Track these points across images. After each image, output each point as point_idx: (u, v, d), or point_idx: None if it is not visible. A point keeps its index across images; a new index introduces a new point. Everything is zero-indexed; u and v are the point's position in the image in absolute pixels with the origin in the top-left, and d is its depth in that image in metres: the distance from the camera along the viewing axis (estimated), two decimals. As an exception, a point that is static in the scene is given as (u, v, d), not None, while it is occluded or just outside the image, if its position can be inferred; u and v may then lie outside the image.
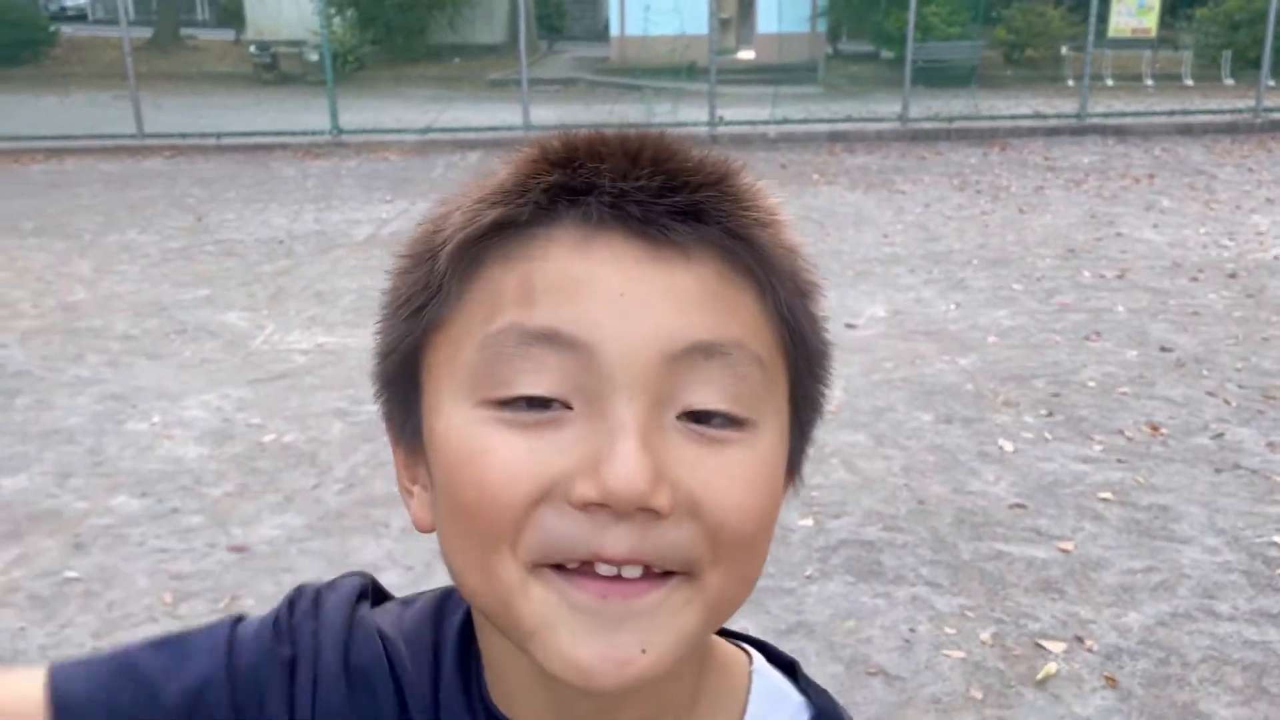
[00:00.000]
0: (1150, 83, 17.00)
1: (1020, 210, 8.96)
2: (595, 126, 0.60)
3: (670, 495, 0.52)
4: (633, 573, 0.52)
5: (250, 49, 20.05)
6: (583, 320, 0.52)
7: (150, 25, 23.03)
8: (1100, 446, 4.35)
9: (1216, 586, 3.35)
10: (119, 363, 5.52)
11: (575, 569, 0.53)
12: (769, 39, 20.25)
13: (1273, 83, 13.88)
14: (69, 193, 10.25)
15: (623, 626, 0.52)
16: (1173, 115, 13.57)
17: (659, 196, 0.54)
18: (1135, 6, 15.89)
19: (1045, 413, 4.71)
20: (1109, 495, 3.93)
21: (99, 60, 19.93)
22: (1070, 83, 16.68)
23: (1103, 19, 15.01)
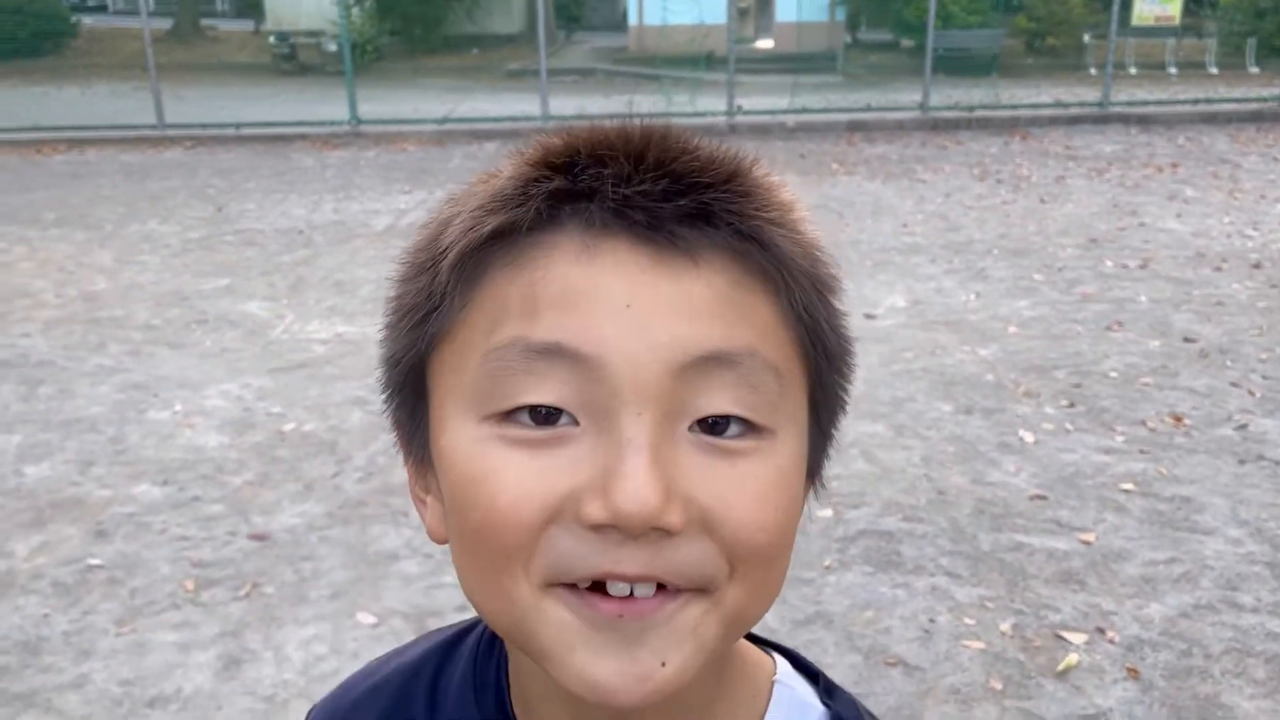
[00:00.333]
0: (1174, 71, 16.84)
1: (1041, 200, 8.90)
2: (612, 117, 0.58)
3: (682, 513, 0.50)
4: (645, 591, 0.51)
5: (269, 40, 20.12)
6: (588, 333, 0.51)
7: (170, 16, 23.15)
8: (1122, 437, 4.32)
9: (1239, 578, 3.32)
10: (140, 352, 5.56)
11: (587, 587, 0.51)
12: (788, 28, 20.15)
13: (1298, 70, 13.72)
14: (90, 183, 10.32)
15: (640, 641, 0.51)
16: (1196, 104, 13.44)
17: (665, 200, 0.52)
18: (1159, -6, 15.74)
19: (1066, 403, 4.67)
20: (1131, 486, 3.91)
21: (120, 51, 20.06)
22: (1093, 71, 16.55)
23: (1126, 6, 14.87)
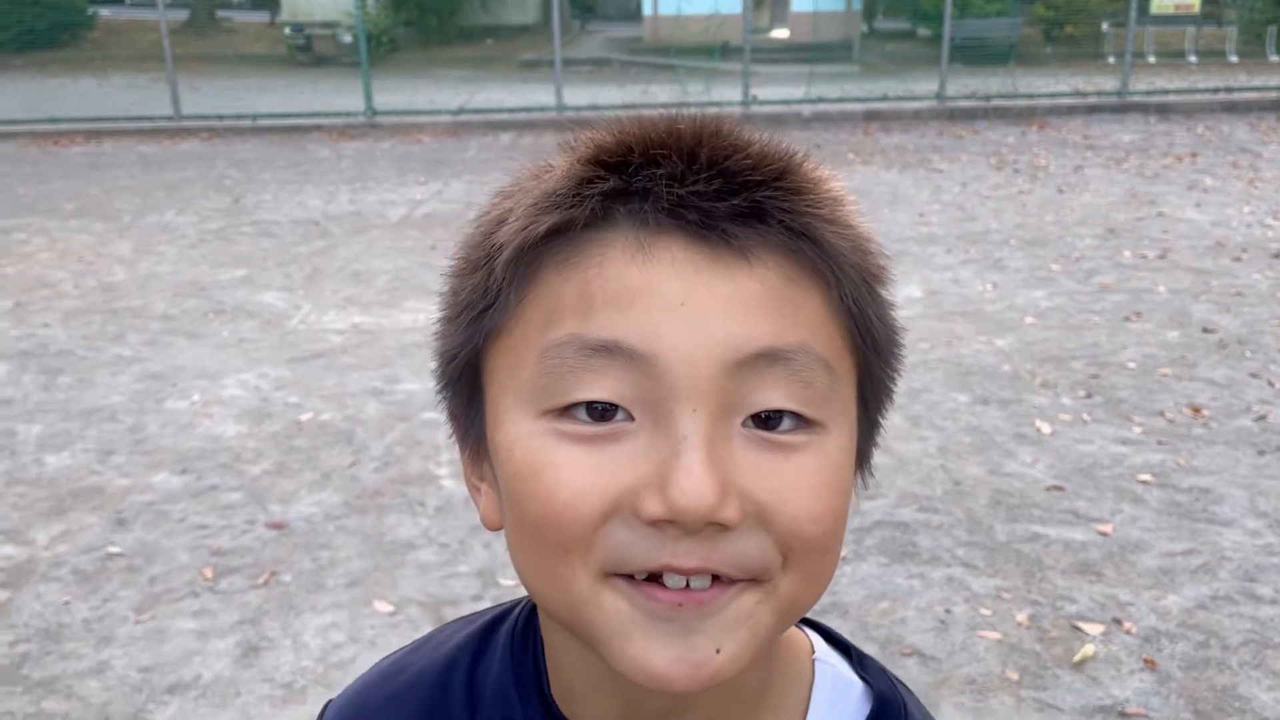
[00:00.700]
0: (1193, 59, 16.70)
1: (1059, 189, 8.84)
2: (628, 108, 0.58)
3: (739, 507, 0.51)
4: (701, 583, 0.52)
5: (285, 31, 20.16)
6: (643, 331, 0.52)
7: (186, 8, 23.20)
8: (1140, 428, 4.30)
9: (1258, 569, 3.30)
10: (159, 342, 5.59)
11: (644, 579, 0.52)
12: (804, 17, 20.04)
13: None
14: (108, 174, 10.37)
15: (696, 629, 0.52)
16: (1216, 93, 13.33)
17: (718, 200, 0.53)
18: (1178, -19, 15.60)
19: (1084, 394, 4.65)
20: (1149, 477, 3.89)
21: (136, 43, 20.13)
22: (1111, 60, 16.43)
23: (1145, -6, 14.75)
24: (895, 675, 0.71)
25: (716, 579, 0.52)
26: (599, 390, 0.52)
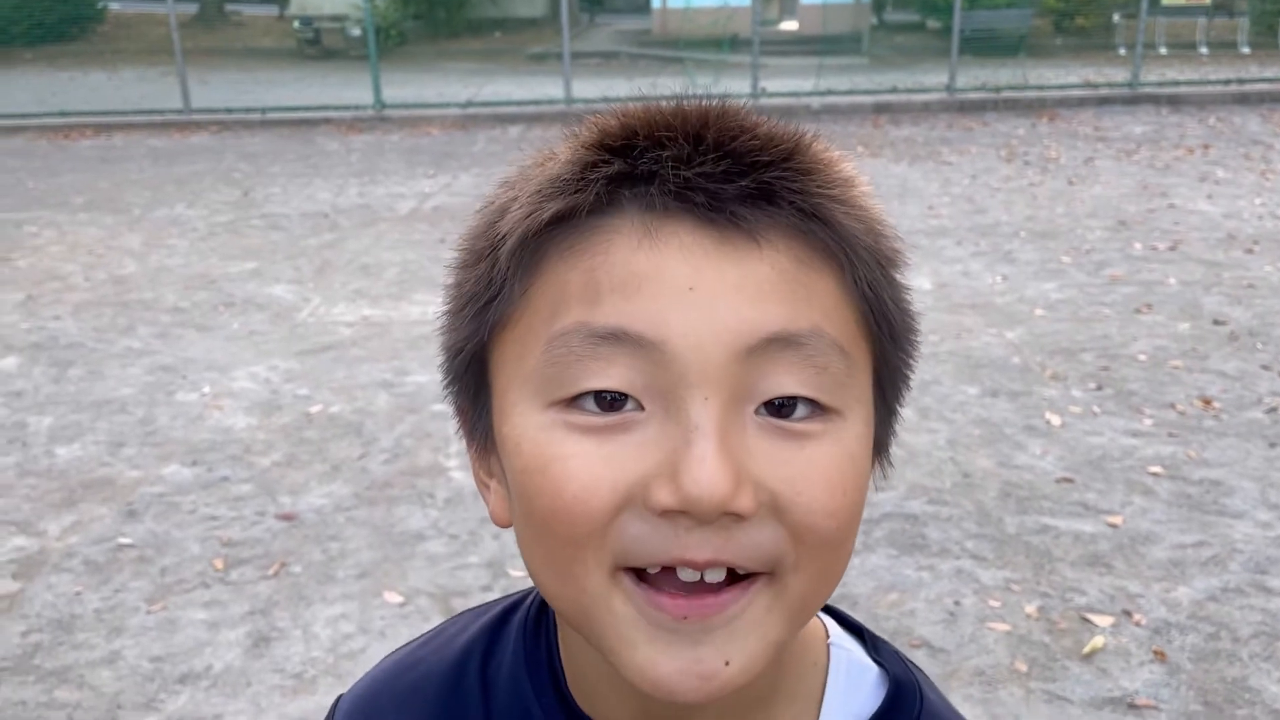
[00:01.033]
0: (1205, 50, 16.61)
1: (1070, 181, 8.81)
2: (640, 99, 0.58)
3: (753, 497, 0.50)
4: (715, 576, 0.51)
5: (294, 24, 20.15)
6: (651, 318, 0.50)
7: (196, 1, 23.22)
8: (1150, 420, 4.29)
9: (1269, 561, 3.29)
10: (169, 335, 5.61)
11: (657, 573, 0.52)
12: (813, 9, 19.98)
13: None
14: (118, 168, 10.40)
15: (704, 640, 0.51)
16: (1228, 84, 13.25)
17: (726, 181, 0.52)
18: (1190, -28, 15.52)
19: (1094, 386, 4.64)
20: (1159, 470, 3.88)
21: (146, 37, 20.18)
22: (1122, 51, 16.34)
23: (1156, -15, 14.67)
24: (909, 658, 0.71)
25: (731, 574, 0.51)
26: (607, 379, 0.51)
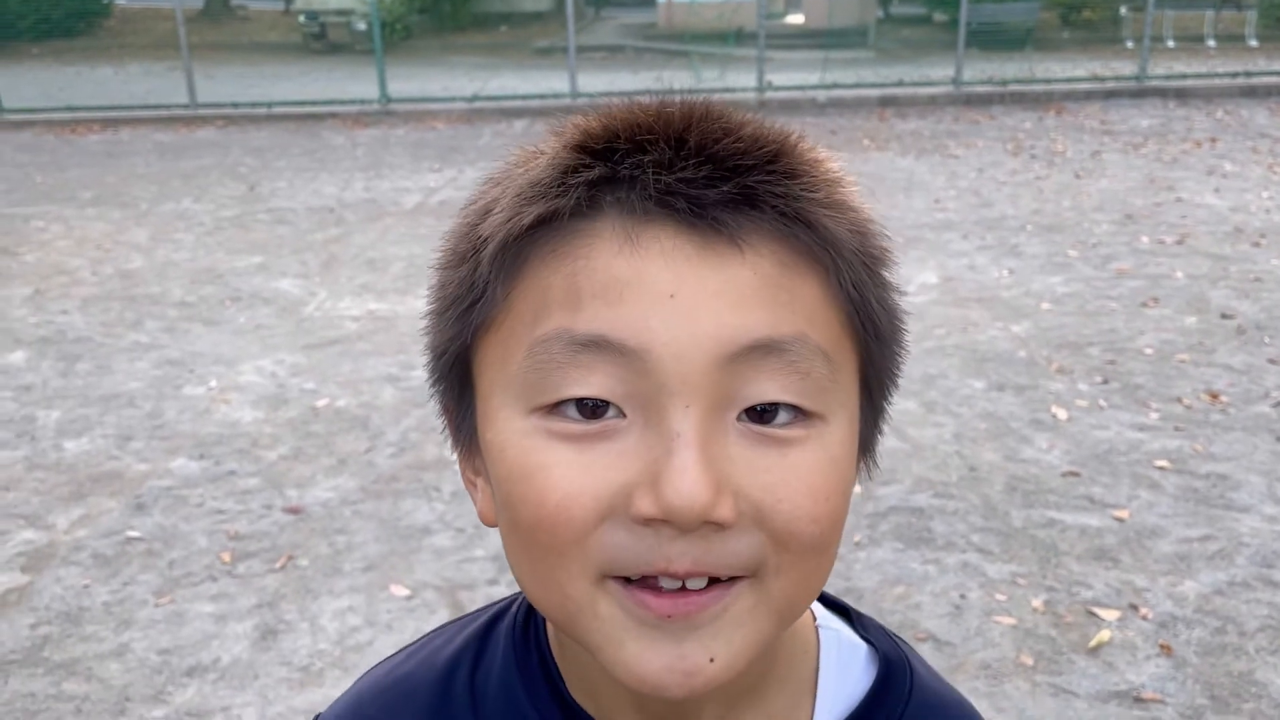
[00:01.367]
0: (1212, 43, 16.54)
1: (1076, 175, 8.78)
2: (642, 94, 0.57)
3: (733, 507, 0.50)
4: (697, 584, 0.51)
5: (300, 19, 20.14)
6: (633, 325, 0.50)
7: (202, -4, 23.22)
8: (1157, 414, 4.28)
9: (1275, 555, 3.29)
10: (176, 329, 5.62)
11: (638, 580, 0.52)
12: (819, 2, 19.91)
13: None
14: (125, 162, 10.41)
15: (688, 637, 0.51)
16: (1235, 77, 13.20)
17: (708, 186, 0.51)
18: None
19: (1100, 380, 4.63)
20: (1166, 463, 3.87)
21: (152, 31, 20.19)
22: (1129, 44, 16.28)
23: (1164, -22, 14.61)
24: (894, 632, 0.71)
25: (713, 579, 0.51)
26: (588, 387, 0.51)
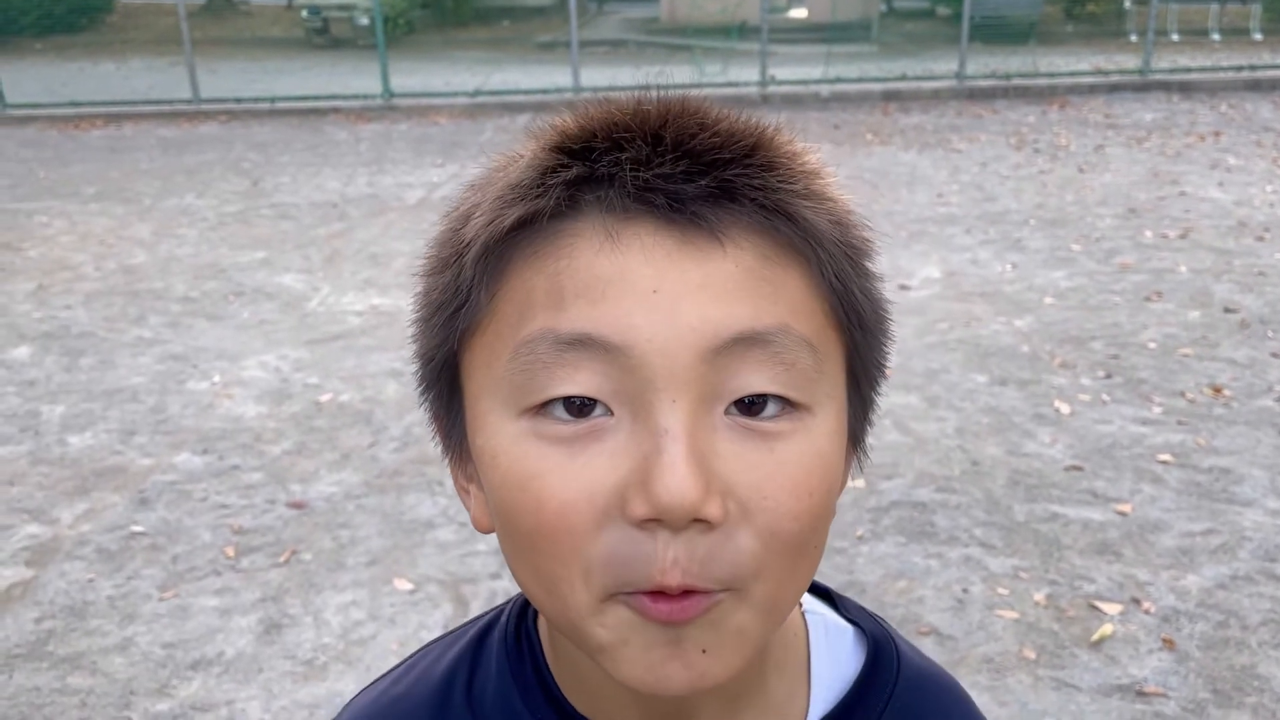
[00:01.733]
0: (1217, 37, 16.50)
1: (1080, 169, 8.77)
2: (636, 88, 0.57)
3: (721, 505, 0.50)
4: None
5: (302, 13, 20.13)
6: (616, 322, 0.50)
7: (204, -9, 23.20)
8: (1160, 408, 4.28)
9: (1278, 549, 3.29)
10: (179, 324, 5.63)
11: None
12: (822, -3, 19.88)
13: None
14: (128, 158, 10.42)
15: (685, 636, 0.52)
16: (1240, 71, 13.16)
17: (685, 181, 0.51)
18: (1202, -42, 15.40)
19: (1103, 374, 4.63)
20: (1169, 458, 3.87)
21: (155, 26, 20.17)
22: (1133, 38, 16.24)
23: (1168, -29, 14.56)
24: (873, 611, 0.73)
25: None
26: (574, 385, 0.51)
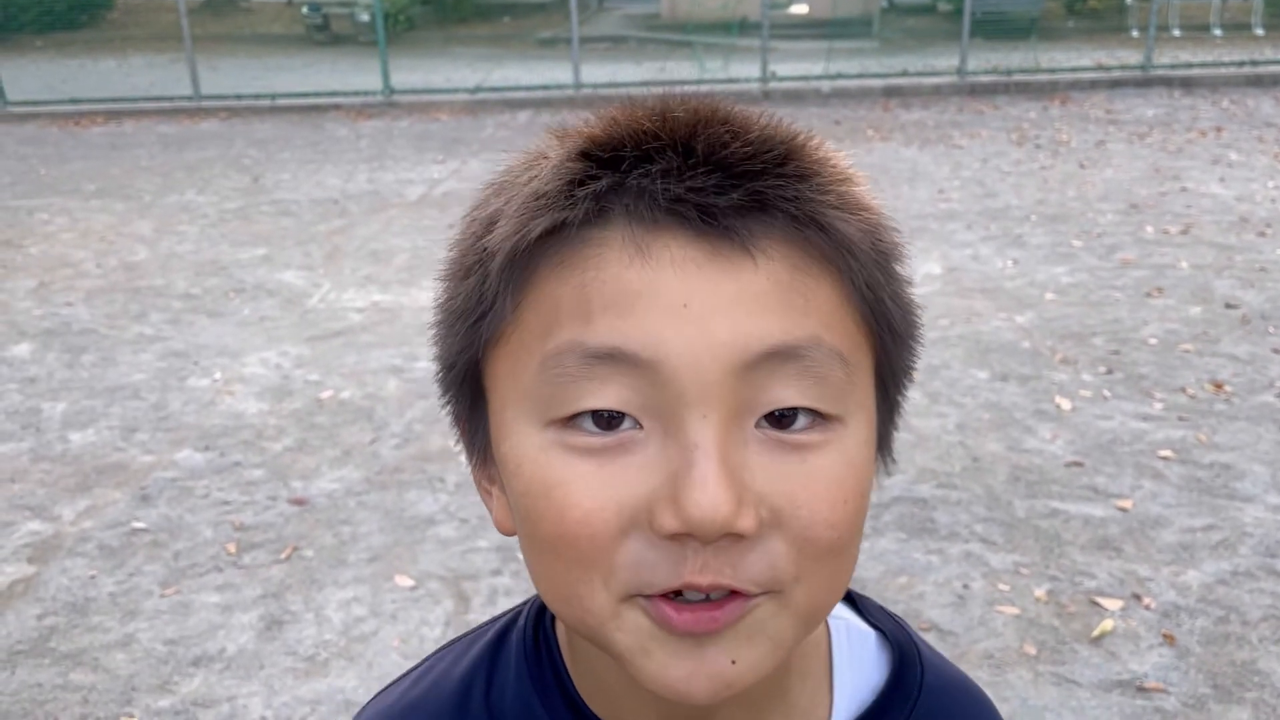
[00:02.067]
0: (1218, 32, 16.47)
1: (1081, 165, 8.76)
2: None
3: (754, 518, 0.50)
4: (719, 594, 0.51)
5: (302, 10, 20.12)
6: (646, 336, 0.49)
7: (204, -12, 23.18)
8: (1161, 404, 4.28)
9: (1279, 545, 3.29)
10: (180, 321, 5.63)
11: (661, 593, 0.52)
12: (823, -8, 19.85)
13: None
14: (128, 154, 10.42)
15: (710, 644, 0.52)
16: (1242, 66, 13.14)
17: (718, 194, 0.50)
18: (1204, -47, 15.37)
19: (1104, 370, 4.63)
20: (1169, 453, 3.87)
21: (155, 23, 20.15)
22: (1135, 33, 16.21)
23: (1169, -34, 14.54)
24: (892, 611, 0.72)
25: (734, 592, 0.52)
26: (603, 399, 0.50)
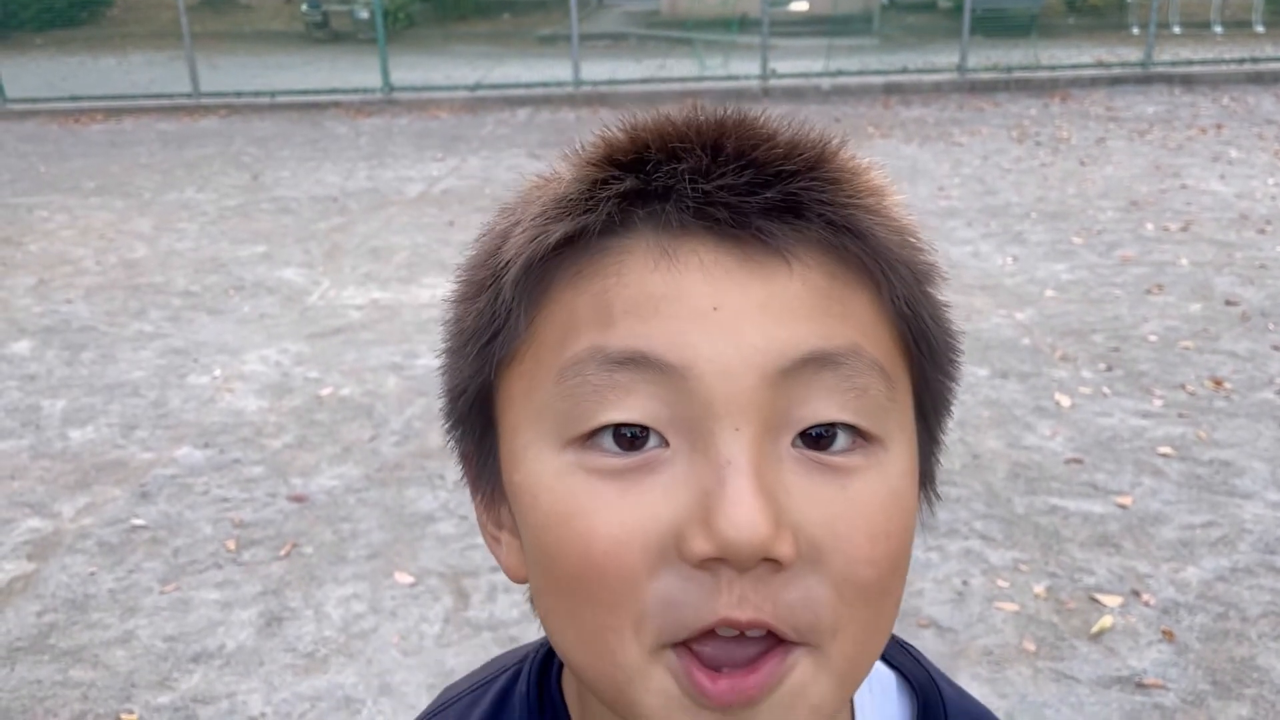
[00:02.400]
0: (1219, 29, 16.45)
1: (1081, 162, 8.76)
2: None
3: (793, 543, 0.45)
4: (756, 632, 0.47)
5: (302, 7, 20.11)
6: (672, 339, 0.46)
7: (204, -15, 23.16)
8: (1161, 401, 4.28)
9: (1278, 542, 3.29)
10: (180, 318, 5.63)
11: (694, 637, 0.47)
12: (823, -10, 19.83)
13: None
14: (128, 152, 10.41)
15: (747, 716, 0.47)
16: (1242, 63, 13.13)
17: (748, 194, 0.48)
18: (1204, -50, 15.36)
19: (1104, 367, 4.63)
20: (1169, 450, 3.87)
21: (155, 20, 20.14)
22: (1135, 30, 16.20)
23: (1170, -37, 14.53)
24: (908, 645, 0.69)
25: (771, 635, 0.47)
26: (626, 411, 0.46)
